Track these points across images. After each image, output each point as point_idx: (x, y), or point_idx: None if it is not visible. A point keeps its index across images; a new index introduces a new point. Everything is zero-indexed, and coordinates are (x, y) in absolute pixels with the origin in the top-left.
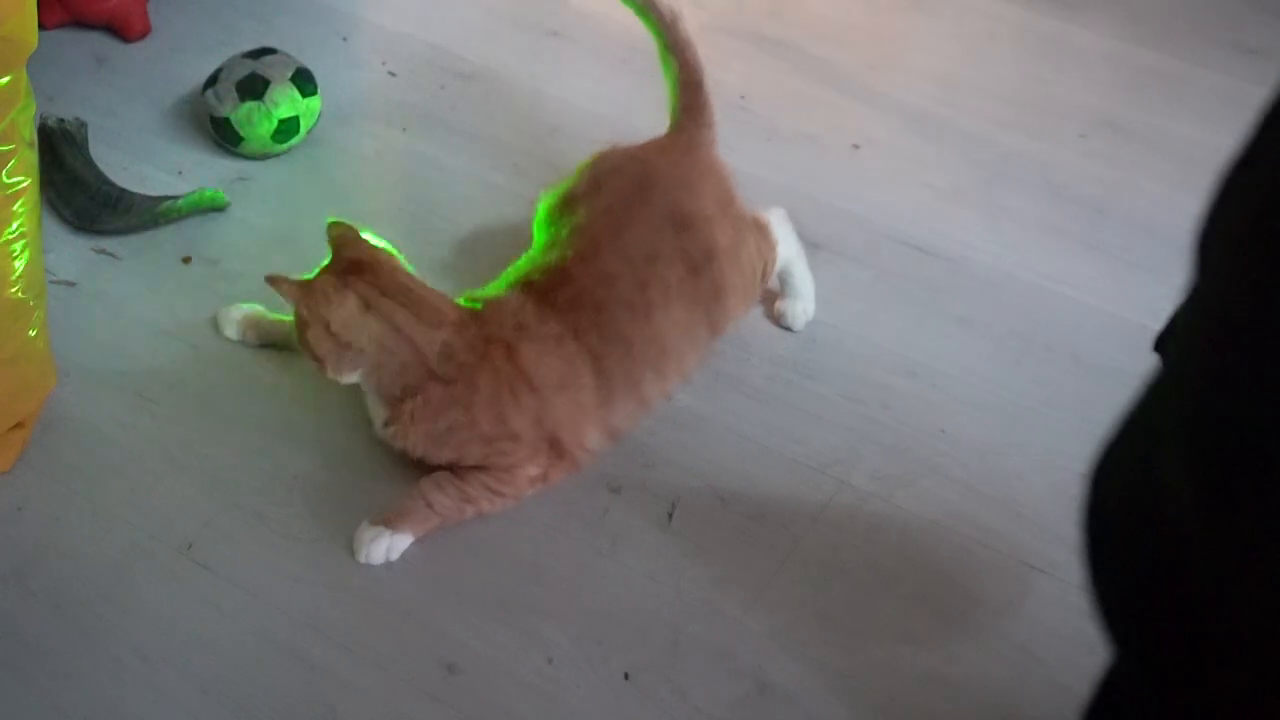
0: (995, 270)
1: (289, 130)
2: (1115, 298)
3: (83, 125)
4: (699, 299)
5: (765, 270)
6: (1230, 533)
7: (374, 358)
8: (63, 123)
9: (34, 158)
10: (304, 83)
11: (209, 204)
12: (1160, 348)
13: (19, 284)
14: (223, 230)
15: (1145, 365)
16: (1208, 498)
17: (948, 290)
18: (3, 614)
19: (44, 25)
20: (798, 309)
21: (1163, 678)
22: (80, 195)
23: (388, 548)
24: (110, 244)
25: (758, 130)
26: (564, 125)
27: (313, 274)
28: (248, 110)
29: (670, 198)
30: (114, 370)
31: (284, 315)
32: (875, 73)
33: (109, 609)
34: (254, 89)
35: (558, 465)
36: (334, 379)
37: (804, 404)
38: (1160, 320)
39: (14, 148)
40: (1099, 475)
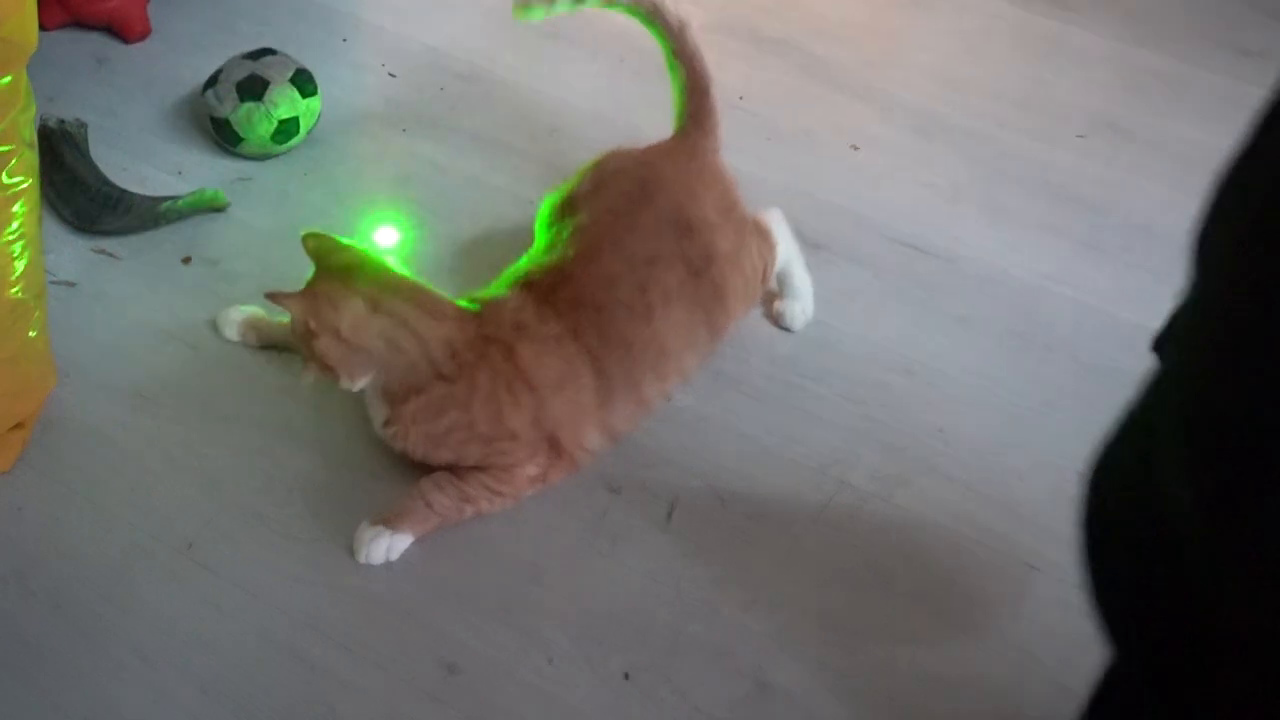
0: (994, 270)
1: (289, 131)
2: (1114, 297)
3: (83, 126)
4: (700, 302)
5: (765, 272)
6: (1229, 532)
7: (385, 358)
8: (63, 123)
9: (34, 158)
10: (304, 83)
11: (209, 204)
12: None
13: (19, 284)
14: (223, 231)
15: (1144, 365)
16: (1207, 498)
17: (946, 289)
18: (3, 614)
19: (44, 26)
20: (796, 309)
21: (1161, 677)
22: (80, 196)
23: (387, 548)
24: (110, 244)
25: (757, 129)
26: (563, 125)
27: (305, 285)
28: (247, 111)
29: (673, 202)
30: (114, 370)
31: (284, 317)
32: (874, 72)
33: (109, 609)
34: (254, 90)
35: (557, 465)
36: (347, 387)
37: (803, 404)
38: (1159, 320)
39: (14, 148)
40: (1097, 475)
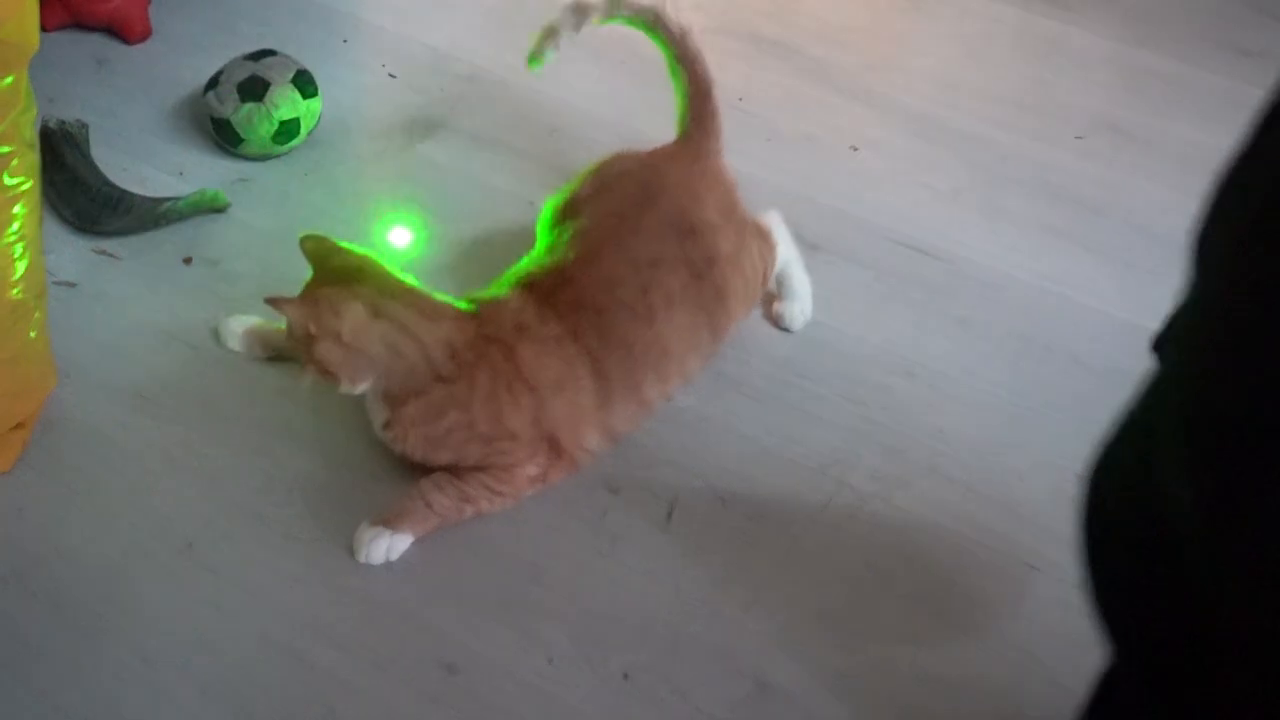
0: (994, 271)
1: (289, 132)
2: (1113, 298)
3: (84, 126)
4: (702, 304)
5: (765, 274)
6: (1229, 533)
7: (385, 362)
8: (64, 124)
9: (35, 159)
10: (304, 84)
11: (209, 205)
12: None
13: (19, 285)
14: (223, 231)
15: (1143, 366)
16: (1206, 498)
17: (946, 291)
18: (3, 614)
19: (45, 27)
20: (795, 310)
21: (1161, 677)
22: (81, 196)
23: (387, 548)
24: (111, 245)
25: (757, 131)
26: (563, 126)
27: (304, 289)
28: (248, 112)
29: (676, 205)
30: (114, 371)
31: (284, 325)
32: (874, 74)
33: (109, 609)
34: (254, 90)
35: (557, 465)
36: (347, 391)
37: (803, 404)
38: (1158, 320)
39: (15, 149)
40: (1097, 475)
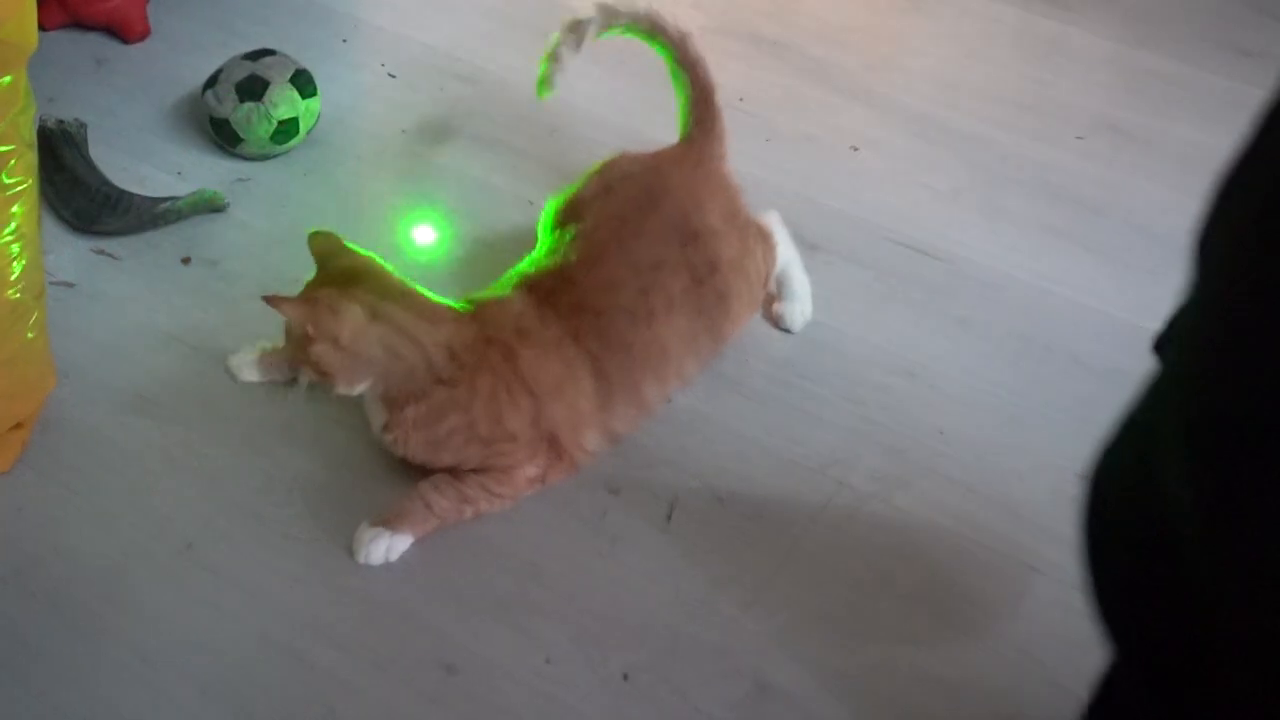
0: (994, 271)
1: (288, 131)
2: (1113, 299)
3: (82, 126)
4: (703, 309)
5: (766, 277)
6: (1230, 533)
7: (383, 364)
8: (62, 124)
9: (34, 159)
10: (303, 84)
11: (208, 205)
12: (1159, 349)
13: (18, 285)
14: (222, 231)
15: (1143, 366)
16: (1207, 498)
17: (946, 291)
18: (2, 614)
19: (44, 26)
20: (795, 310)
21: (1162, 678)
22: (80, 196)
23: (387, 548)
24: (110, 245)
25: (757, 131)
26: (563, 126)
27: (305, 287)
28: (247, 111)
29: (679, 210)
30: (113, 371)
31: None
32: (874, 74)
33: (108, 609)
34: (253, 90)
35: (556, 466)
36: (343, 392)
37: (803, 405)
38: (1158, 321)
39: (14, 148)
40: (1098, 476)
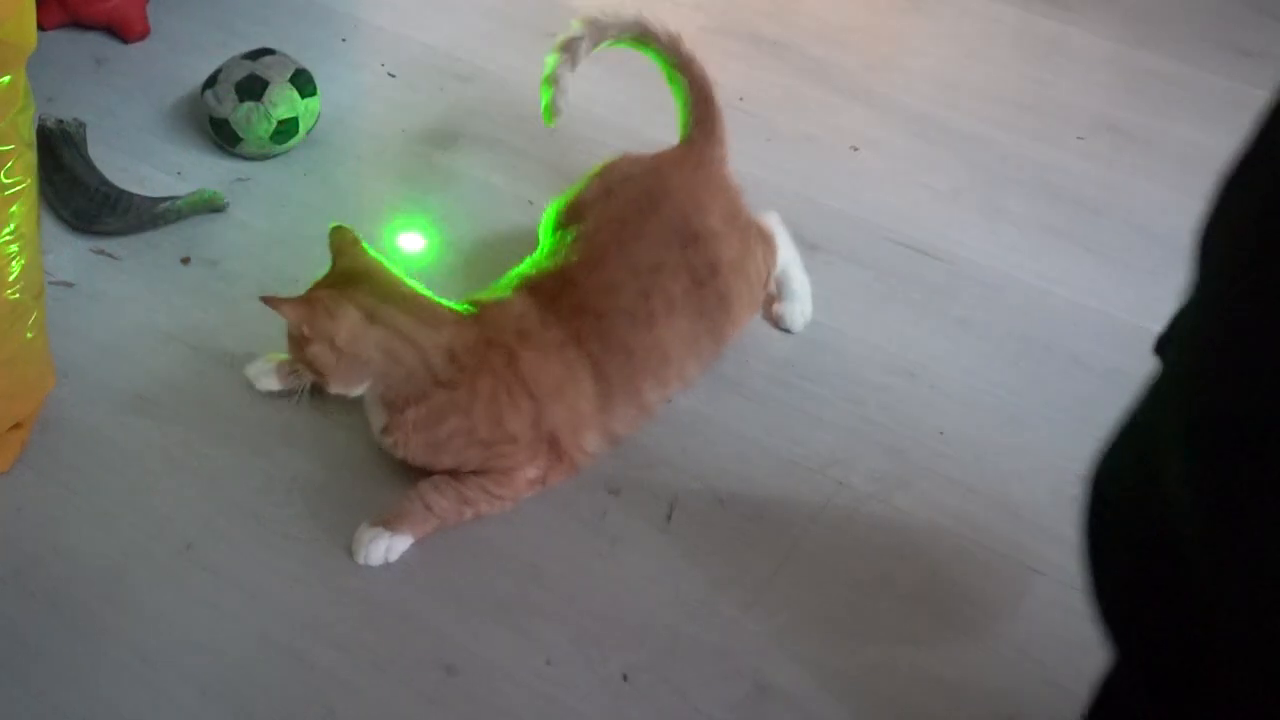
0: (994, 271)
1: (288, 131)
2: (1113, 299)
3: (81, 126)
4: (704, 311)
5: (767, 278)
6: (1230, 533)
7: (381, 367)
8: (62, 123)
9: (33, 158)
10: (303, 84)
11: (208, 205)
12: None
13: (17, 285)
14: (222, 231)
15: (1144, 367)
16: (1207, 498)
17: (946, 291)
18: (2, 615)
19: (43, 26)
20: (795, 310)
21: (1162, 678)
22: (79, 196)
23: (386, 549)
24: (109, 245)
25: (756, 131)
26: (562, 126)
27: (315, 282)
28: (246, 111)
29: (680, 212)
30: (113, 371)
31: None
32: (874, 74)
33: (108, 609)
34: (253, 90)
35: (556, 468)
36: (339, 392)
37: (802, 405)
38: (1159, 322)
39: (13, 148)
40: (1099, 477)
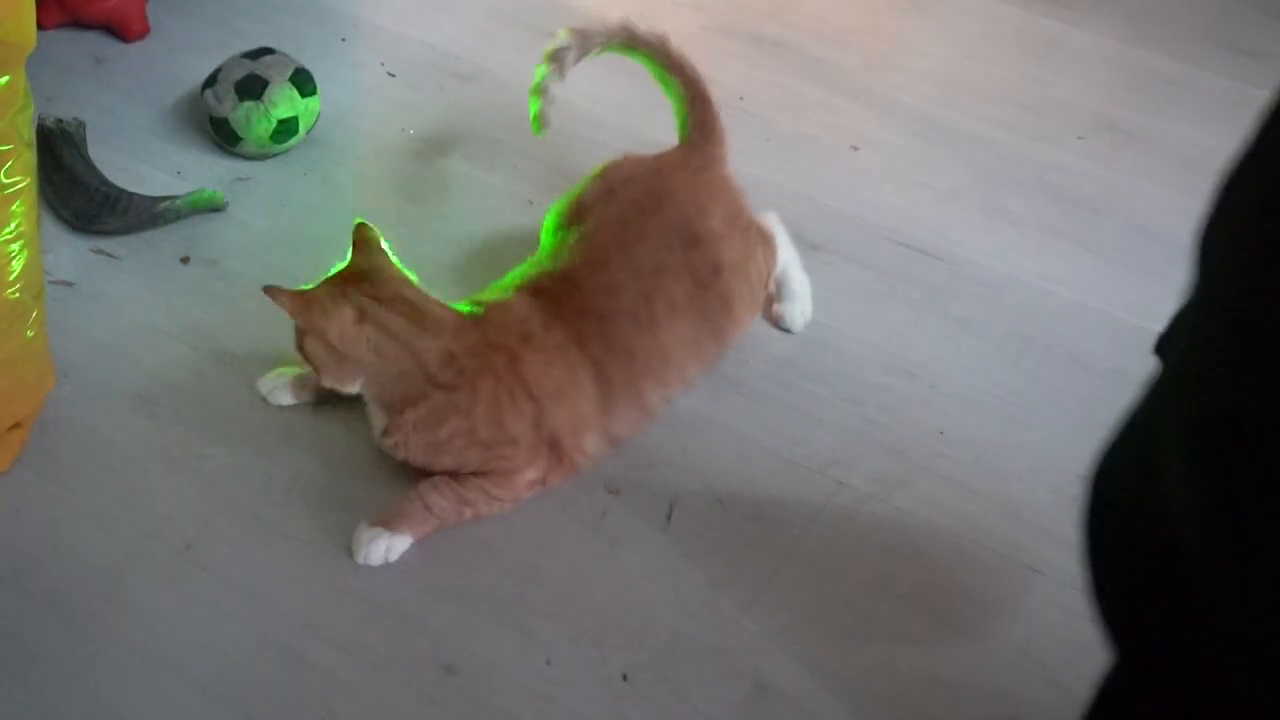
0: (994, 271)
1: (288, 130)
2: (1113, 299)
3: (81, 125)
4: (706, 313)
5: (767, 278)
6: (1230, 533)
7: (373, 367)
8: (61, 123)
9: (32, 158)
10: (303, 83)
11: (208, 204)
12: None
13: (17, 284)
14: (221, 231)
15: (1144, 366)
16: (1208, 498)
17: (946, 291)
18: (1, 615)
19: (42, 26)
20: (795, 310)
21: (1162, 678)
22: (79, 195)
23: (386, 549)
24: (109, 244)
25: (756, 131)
26: (562, 126)
27: (327, 276)
28: (246, 110)
29: (681, 215)
30: (113, 371)
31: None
32: (874, 74)
33: (107, 610)
34: (252, 89)
35: (557, 469)
36: (332, 387)
37: (802, 405)
38: (1159, 321)
39: (12, 148)
40: (1099, 477)
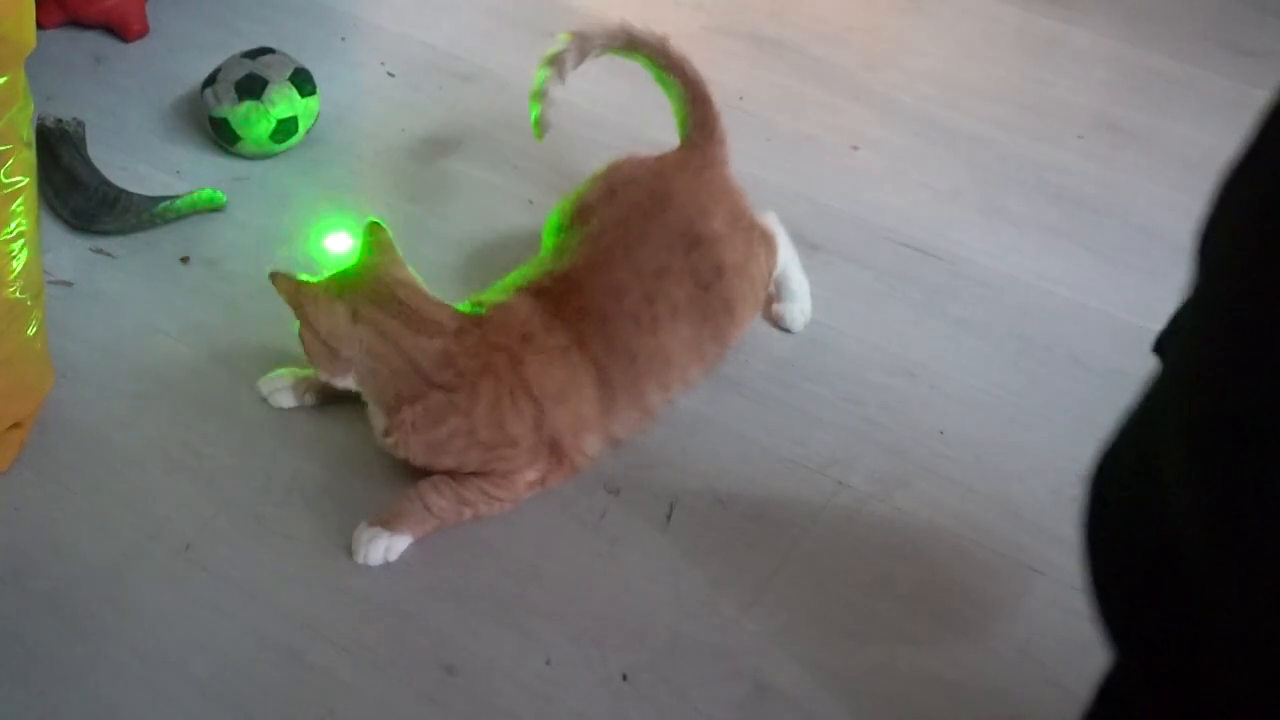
0: (993, 271)
1: (287, 130)
2: (1113, 299)
3: (80, 125)
4: (708, 315)
5: (768, 279)
6: (1230, 533)
7: (364, 365)
8: (61, 122)
9: (32, 157)
10: (302, 83)
11: (207, 204)
12: (1160, 349)
13: (17, 284)
14: (221, 230)
15: (1143, 366)
16: (1208, 498)
17: (946, 291)
18: (0, 615)
19: (42, 25)
20: (795, 310)
21: (1163, 679)
22: (78, 195)
23: (385, 548)
24: (108, 244)
25: (756, 131)
26: (562, 126)
27: (330, 273)
28: (246, 110)
29: (684, 216)
30: (112, 370)
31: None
32: (874, 73)
33: (107, 610)
34: (252, 89)
35: (557, 471)
36: (325, 379)
37: (802, 405)
38: (1159, 322)
39: (12, 148)
40: (1099, 477)
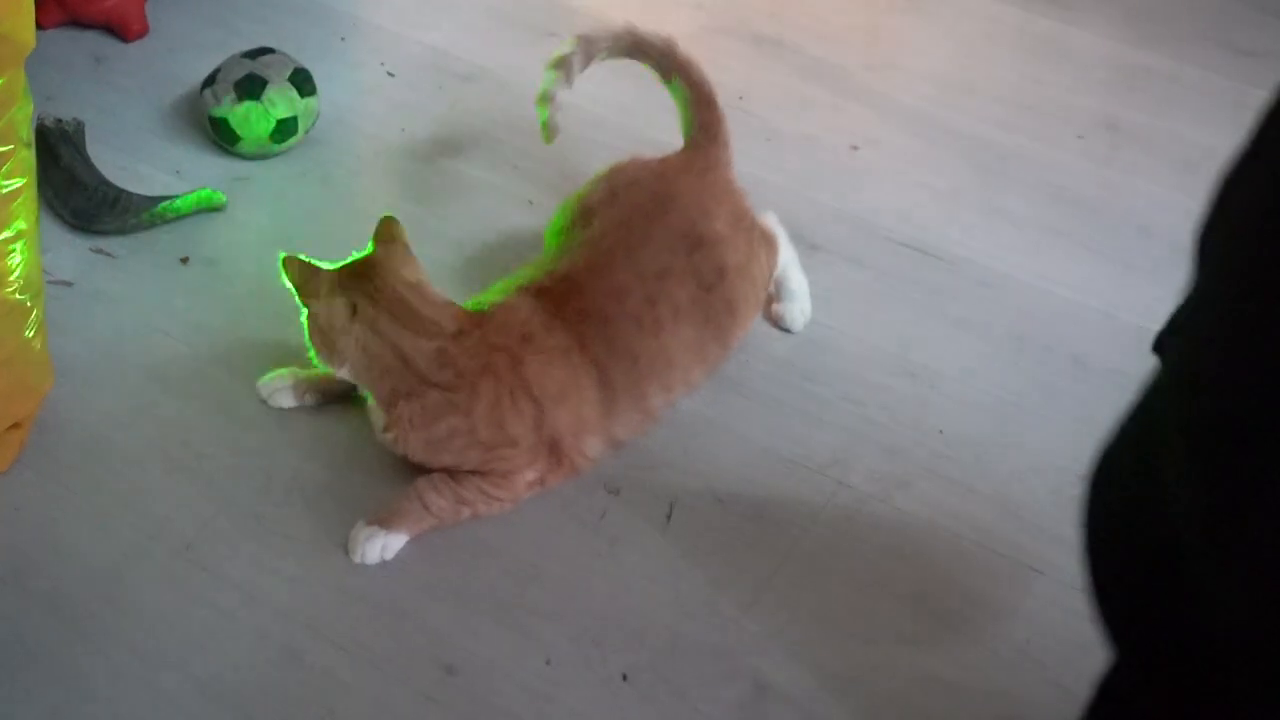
0: (993, 271)
1: (287, 130)
2: (1113, 299)
3: (80, 125)
4: (710, 317)
5: (769, 279)
6: (1230, 533)
7: (358, 360)
8: (60, 122)
9: (31, 158)
10: (302, 83)
11: (207, 204)
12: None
13: (16, 284)
14: (221, 230)
15: (1143, 366)
16: (1207, 498)
17: (946, 291)
18: (0, 615)
19: (42, 25)
20: (795, 310)
21: (1163, 679)
22: (78, 195)
23: (382, 547)
24: (108, 244)
25: (756, 131)
26: (563, 126)
27: (342, 263)
28: (246, 110)
29: (686, 218)
30: (112, 370)
31: (320, 370)
32: (874, 73)
33: (107, 610)
34: (252, 89)
35: (556, 471)
36: (323, 367)
37: (802, 405)
38: (1159, 322)
39: (11, 148)
40: (1099, 476)
